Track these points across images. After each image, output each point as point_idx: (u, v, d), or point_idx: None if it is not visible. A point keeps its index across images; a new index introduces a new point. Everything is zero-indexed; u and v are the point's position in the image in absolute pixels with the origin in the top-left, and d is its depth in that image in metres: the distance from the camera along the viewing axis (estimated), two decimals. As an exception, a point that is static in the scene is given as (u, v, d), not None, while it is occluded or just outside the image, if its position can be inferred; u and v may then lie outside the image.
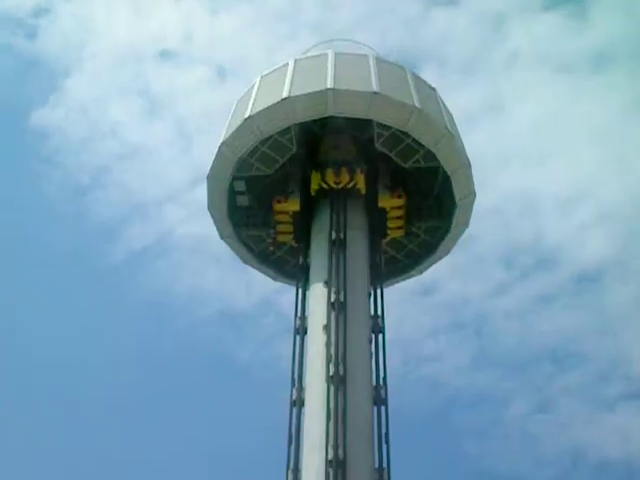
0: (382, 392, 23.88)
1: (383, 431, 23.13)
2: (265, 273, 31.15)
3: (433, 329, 60.96)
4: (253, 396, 55.31)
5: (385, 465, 22.51)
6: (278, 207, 27.98)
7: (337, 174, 27.35)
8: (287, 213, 28.01)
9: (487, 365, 62.25)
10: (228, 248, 30.17)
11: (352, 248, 26.20)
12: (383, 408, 23.60)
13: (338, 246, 25.94)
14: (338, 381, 22.72)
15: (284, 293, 30.14)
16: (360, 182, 27.41)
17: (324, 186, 27.47)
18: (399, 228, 28.75)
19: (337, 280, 25.00)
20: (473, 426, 59.26)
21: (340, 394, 22.50)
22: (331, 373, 22.92)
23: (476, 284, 60.17)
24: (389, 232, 28.62)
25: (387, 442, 22.98)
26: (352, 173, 27.40)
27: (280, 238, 28.65)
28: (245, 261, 30.78)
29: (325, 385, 22.83)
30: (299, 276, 27.30)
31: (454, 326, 62.89)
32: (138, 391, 58.55)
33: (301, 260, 27.65)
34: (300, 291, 26.66)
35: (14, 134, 64.70)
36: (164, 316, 64.82)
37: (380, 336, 25.33)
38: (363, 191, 27.57)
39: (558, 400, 60.01)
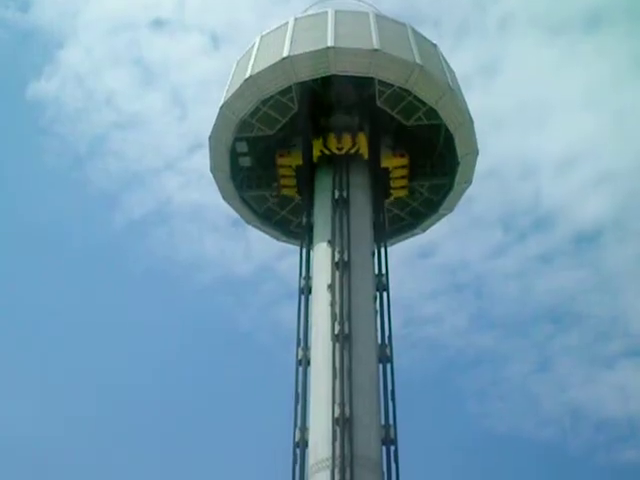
0: (387, 350, 24.01)
1: (389, 388, 23.29)
2: (269, 234, 31.18)
3: (433, 291, 61.11)
4: (257, 359, 55.66)
5: (391, 422, 22.65)
6: (281, 161, 28.05)
7: (339, 139, 27.19)
8: (290, 167, 28.08)
9: (487, 326, 62.55)
10: (226, 215, 30.25)
11: (355, 207, 26.21)
12: (388, 366, 23.75)
13: (341, 205, 25.96)
14: (343, 339, 22.85)
15: (283, 259, 30.19)
16: (363, 147, 27.29)
17: (326, 152, 27.34)
18: (402, 188, 28.75)
19: (341, 239, 25.02)
20: (474, 386, 59.77)
21: (345, 352, 22.62)
22: (336, 332, 23.03)
23: (475, 246, 60.33)
24: (392, 192, 28.64)
25: (393, 399, 23.12)
26: (354, 138, 27.24)
27: (284, 191, 28.76)
28: (248, 222, 30.82)
29: (330, 344, 22.95)
30: (303, 236, 27.23)
31: (454, 288, 63.09)
32: (143, 358, 58.89)
33: (305, 219, 27.55)
34: (304, 251, 26.64)
35: (11, 106, 64.63)
36: (165, 283, 65.02)
37: (384, 294, 25.45)
38: (365, 156, 27.43)
39: (558, 359, 60.41)
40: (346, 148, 27.15)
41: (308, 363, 23.66)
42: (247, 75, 26.45)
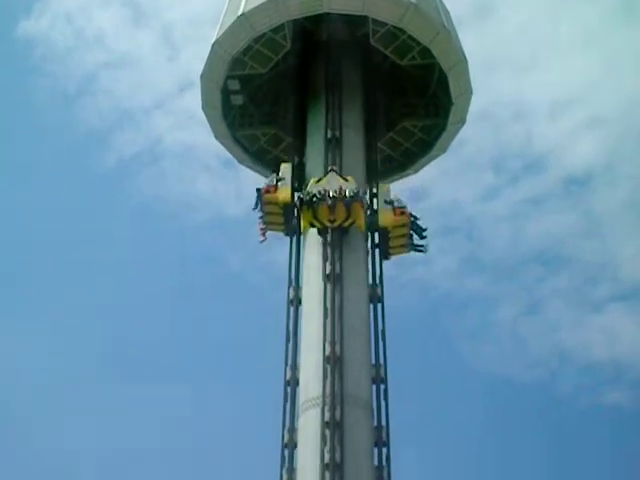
0: (378, 290, 24.16)
1: (379, 328, 23.49)
2: (260, 173, 30.94)
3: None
4: (248, 299, 55.75)
5: (382, 361, 22.89)
6: (267, 197, 25.96)
7: (331, 210, 24.21)
8: (277, 204, 25.96)
9: (477, 268, 62.53)
10: (218, 155, 30.00)
11: (348, 146, 26.05)
12: (379, 306, 23.93)
13: (334, 145, 25.78)
14: (334, 279, 22.95)
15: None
16: (359, 218, 24.57)
17: (317, 225, 24.54)
18: (402, 246, 26.33)
19: (333, 180, 24.88)
20: (463, 328, 59.81)
21: (337, 292, 22.75)
22: (327, 271, 23.13)
23: (466, 188, 59.94)
24: (391, 251, 26.06)
25: (383, 339, 23.33)
26: (349, 208, 24.19)
27: (270, 228, 26.44)
28: (240, 161, 30.69)
29: (322, 284, 23.06)
30: (295, 175, 26.82)
31: (445, 230, 63.03)
32: (133, 297, 59.01)
33: (297, 159, 27.26)
34: (296, 191, 26.42)
35: (0, 45, 63.96)
36: (156, 223, 64.75)
37: (376, 235, 25.48)
38: (362, 229, 24.82)
39: (547, 302, 60.50)
40: (339, 220, 24.24)
41: (299, 302, 23.81)
42: (240, 12, 26.09)
